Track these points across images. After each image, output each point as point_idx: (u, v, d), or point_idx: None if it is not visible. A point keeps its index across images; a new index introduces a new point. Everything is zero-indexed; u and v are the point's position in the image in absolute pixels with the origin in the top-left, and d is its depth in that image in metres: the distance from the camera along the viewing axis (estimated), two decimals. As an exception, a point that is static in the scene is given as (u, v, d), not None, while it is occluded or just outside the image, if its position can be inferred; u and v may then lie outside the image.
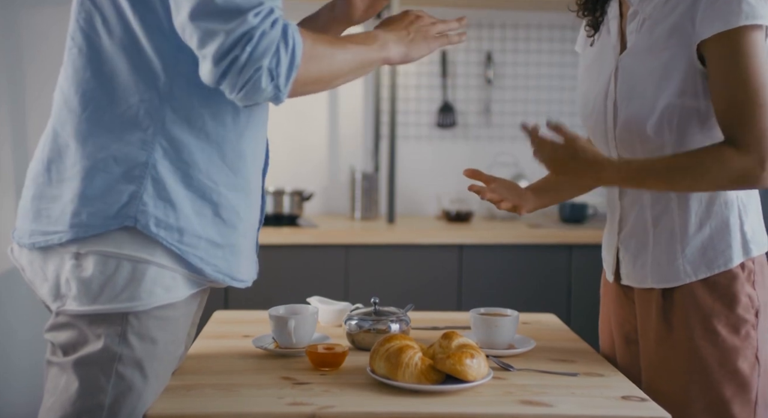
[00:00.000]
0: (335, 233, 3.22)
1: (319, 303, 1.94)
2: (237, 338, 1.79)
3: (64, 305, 1.37)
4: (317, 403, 1.36)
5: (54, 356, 1.40)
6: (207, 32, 1.26)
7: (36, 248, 1.39)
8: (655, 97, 1.53)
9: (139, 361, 1.37)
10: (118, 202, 1.34)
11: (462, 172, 1.78)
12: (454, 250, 3.23)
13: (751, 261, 1.56)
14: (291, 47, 1.29)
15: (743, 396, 1.53)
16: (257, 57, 1.26)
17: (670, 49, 1.52)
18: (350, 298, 3.03)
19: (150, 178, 1.35)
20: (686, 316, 1.55)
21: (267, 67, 1.27)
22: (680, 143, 1.54)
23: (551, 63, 3.82)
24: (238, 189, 1.45)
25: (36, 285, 1.42)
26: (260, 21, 1.26)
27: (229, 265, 1.45)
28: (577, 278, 3.25)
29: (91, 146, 1.36)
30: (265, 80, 1.27)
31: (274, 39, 1.27)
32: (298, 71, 1.30)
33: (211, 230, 1.41)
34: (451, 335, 1.49)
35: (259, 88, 1.28)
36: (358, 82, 3.74)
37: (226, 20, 1.25)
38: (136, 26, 1.35)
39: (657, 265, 1.60)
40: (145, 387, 1.38)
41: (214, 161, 1.40)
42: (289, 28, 1.30)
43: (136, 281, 1.35)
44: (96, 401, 1.35)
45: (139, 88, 1.36)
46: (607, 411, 1.37)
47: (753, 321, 1.54)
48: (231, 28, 1.25)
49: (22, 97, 3.43)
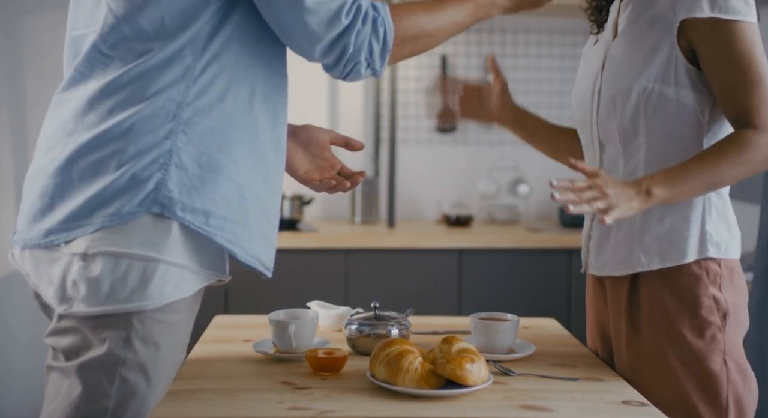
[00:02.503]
0: (335, 237, 3.22)
1: (319, 308, 1.94)
2: (237, 342, 1.79)
3: (71, 307, 1.36)
4: (317, 408, 1.36)
5: (56, 361, 1.40)
6: (305, 35, 1.39)
7: (53, 245, 1.38)
8: (633, 80, 1.57)
9: (143, 365, 1.37)
10: (144, 190, 1.35)
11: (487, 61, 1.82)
12: (454, 254, 3.23)
13: (717, 264, 1.57)
14: (382, 36, 1.44)
15: (713, 400, 1.53)
16: (354, 54, 1.42)
17: (654, 36, 1.56)
18: (350, 302, 3.02)
19: (173, 164, 1.37)
20: (652, 319, 1.58)
21: (363, 58, 1.43)
22: (653, 131, 1.57)
23: (552, 68, 3.82)
24: (258, 172, 1.46)
25: (41, 289, 1.42)
26: (352, 19, 1.39)
27: (257, 248, 1.46)
28: (578, 282, 3.24)
29: (118, 143, 1.36)
30: (363, 69, 1.45)
31: (366, 34, 1.42)
32: (391, 52, 1.46)
33: (236, 212, 1.42)
34: (451, 339, 1.49)
35: (359, 75, 1.46)
36: (358, 87, 3.74)
37: (322, 23, 1.38)
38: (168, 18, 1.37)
39: (615, 252, 1.63)
40: (149, 391, 1.38)
41: (233, 144, 1.42)
42: (379, 19, 1.43)
43: (147, 281, 1.36)
44: (99, 406, 1.35)
45: (163, 76, 1.37)
46: (607, 416, 1.37)
47: (719, 324, 1.55)
48: (326, 31, 1.39)
49: (22, 101, 3.43)
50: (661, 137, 1.57)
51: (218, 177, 1.40)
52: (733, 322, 1.56)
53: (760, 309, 2.41)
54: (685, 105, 1.55)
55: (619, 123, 1.60)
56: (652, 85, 1.55)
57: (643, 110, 1.56)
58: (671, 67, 1.54)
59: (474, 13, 1.55)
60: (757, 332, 2.43)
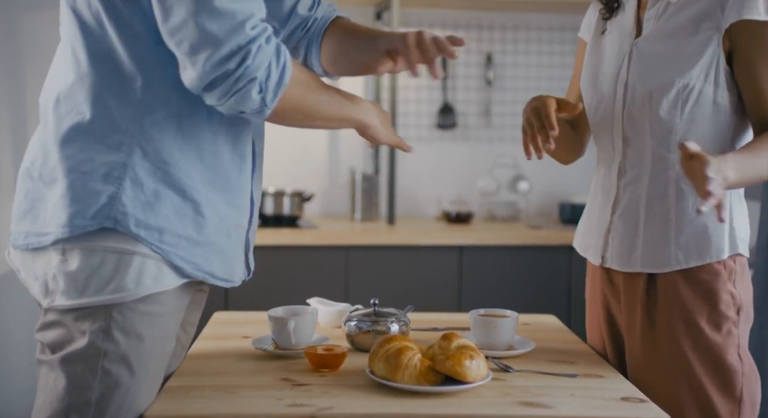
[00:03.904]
0: (335, 234, 3.22)
1: (319, 304, 1.94)
2: (236, 339, 1.79)
3: (53, 301, 1.37)
4: (316, 404, 1.36)
5: (43, 355, 1.41)
6: (203, 38, 1.28)
7: (30, 249, 1.40)
8: (673, 77, 1.57)
9: (125, 356, 1.37)
10: (97, 204, 1.35)
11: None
12: (454, 251, 3.22)
13: (733, 260, 1.58)
14: (282, 65, 1.34)
15: (728, 393, 1.55)
16: (252, 69, 1.30)
17: (699, 34, 1.56)
18: (350, 299, 3.02)
19: (128, 179, 1.36)
20: (669, 312, 1.58)
21: (259, 80, 1.31)
22: (688, 128, 1.57)
23: (551, 64, 3.82)
24: (218, 188, 1.45)
25: (29, 284, 1.43)
26: (257, 34, 1.30)
27: (209, 263, 1.45)
28: (577, 279, 3.24)
29: (71, 149, 1.37)
30: (255, 92, 1.32)
31: (269, 54, 1.32)
32: (284, 90, 1.34)
33: (190, 229, 1.41)
34: (450, 336, 1.49)
35: (248, 99, 1.32)
36: (359, 83, 3.74)
37: (223, 29, 1.28)
38: (112, 32, 1.36)
39: (648, 249, 1.62)
40: (133, 383, 1.38)
41: (192, 160, 1.41)
42: (282, 47, 1.35)
43: (122, 272, 1.36)
44: (83, 398, 1.35)
45: (115, 91, 1.37)
46: (606, 413, 1.37)
47: (734, 318, 1.56)
48: (228, 38, 1.28)
49: (22, 100, 3.43)
50: (696, 135, 1.57)
51: (174, 194, 1.39)
52: (745, 317, 1.58)
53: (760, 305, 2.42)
54: (721, 105, 1.57)
55: (653, 118, 1.59)
56: (694, 82, 1.56)
57: (680, 107, 1.57)
58: (713, 67, 1.56)
59: (346, 120, 1.50)
60: (758, 328, 2.44)
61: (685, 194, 1.58)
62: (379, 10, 3.64)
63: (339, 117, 1.48)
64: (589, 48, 1.78)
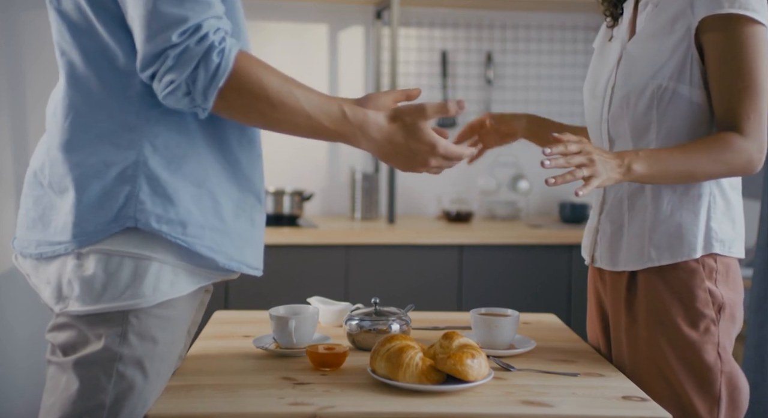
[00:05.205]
0: (335, 233, 3.22)
1: (320, 303, 1.94)
2: (237, 338, 1.79)
3: (67, 306, 1.36)
4: (318, 403, 1.36)
5: (53, 356, 1.40)
6: (140, 37, 1.30)
7: (43, 258, 1.39)
8: (650, 77, 1.58)
9: (140, 360, 1.37)
10: (115, 206, 1.34)
11: (466, 162, 1.77)
12: (454, 250, 3.23)
13: (713, 260, 1.58)
14: (213, 68, 1.29)
15: (706, 391, 1.55)
16: (174, 71, 1.28)
17: (673, 35, 1.57)
18: (350, 298, 3.03)
19: (143, 176, 1.35)
20: (648, 309, 1.60)
21: (184, 82, 1.29)
22: (665, 128, 1.58)
23: (552, 63, 3.82)
24: (231, 174, 1.44)
25: (40, 289, 1.42)
26: (184, 39, 1.28)
27: (241, 252, 1.44)
28: (578, 278, 3.25)
29: (78, 156, 1.36)
30: (181, 93, 1.30)
31: (195, 56, 1.28)
32: (220, 92, 1.31)
33: (212, 217, 1.40)
34: (451, 335, 1.49)
35: (176, 99, 1.31)
36: (359, 81, 3.74)
37: (151, 34, 1.28)
38: (100, 27, 1.36)
39: (628, 248, 1.64)
40: (146, 386, 1.38)
41: (201, 151, 1.40)
42: (216, 50, 1.29)
43: (139, 278, 1.35)
44: (97, 401, 1.35)
45: (114, 89, 1.36)
46: (607, 411, 1.37)
47: (713, 316, 1.57)
48: (155, 43, 1.28)
49: (22, 101, 3.43)
50: (671, 134, 1.59)
51: (190, 185, 1.38)
52: (728, 316, 1.58)
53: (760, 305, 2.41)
54: (696, 104, 1.57)
55: (631, 119, 1.62)
56: (667, 83, 1.57)
57: (656, 108, 1.58)
58: (687, 66, 1.56)
59: (338, 125, 1.38)
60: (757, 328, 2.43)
61: (661, 193, 1.60)
62: (380, 9, 3.64)
63: (312, 123, 1.37)
64: (595, 55, 1.81)
